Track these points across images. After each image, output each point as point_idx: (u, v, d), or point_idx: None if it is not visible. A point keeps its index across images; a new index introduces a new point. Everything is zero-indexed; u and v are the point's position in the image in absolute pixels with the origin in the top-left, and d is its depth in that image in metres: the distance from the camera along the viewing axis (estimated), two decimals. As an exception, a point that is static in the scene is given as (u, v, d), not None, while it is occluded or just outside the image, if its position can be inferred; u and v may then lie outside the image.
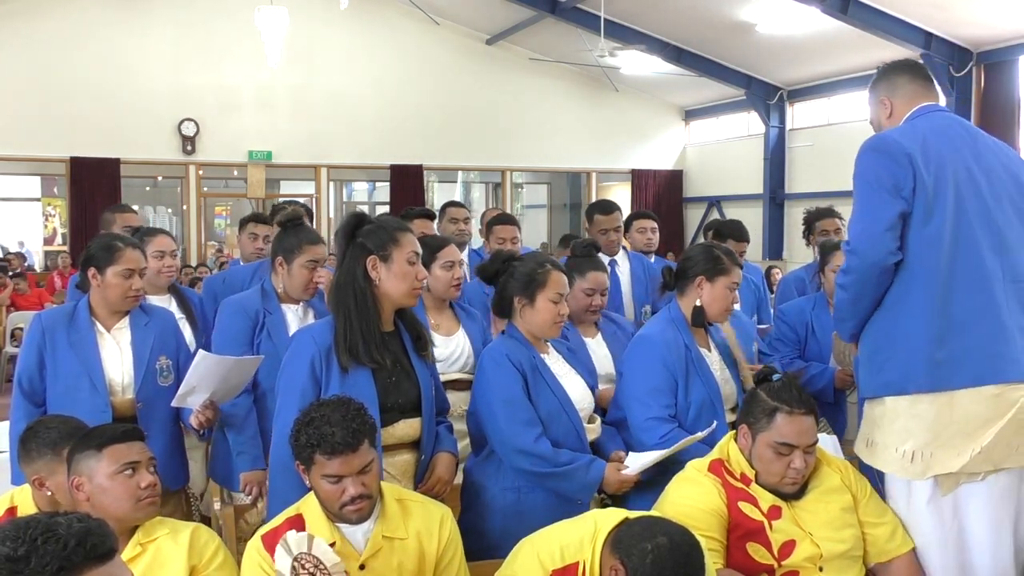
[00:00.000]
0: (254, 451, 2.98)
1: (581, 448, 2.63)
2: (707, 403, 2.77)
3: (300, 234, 3.08)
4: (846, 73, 12.61)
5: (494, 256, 2.75)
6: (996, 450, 2.31)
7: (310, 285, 3.06)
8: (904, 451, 2.36)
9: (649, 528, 1.95)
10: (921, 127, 2.43)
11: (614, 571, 1.93)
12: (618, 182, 16.29)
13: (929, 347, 2.31)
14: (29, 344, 2.88)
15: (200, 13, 13.09)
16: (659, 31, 12.88)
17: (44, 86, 12.44)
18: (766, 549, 2.27)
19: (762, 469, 2.33)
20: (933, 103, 2.54)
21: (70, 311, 2.91)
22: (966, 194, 2.35)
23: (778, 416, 2.29)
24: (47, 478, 2.28)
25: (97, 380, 2.83)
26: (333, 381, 2.36)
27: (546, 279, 2.63)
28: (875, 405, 2.46)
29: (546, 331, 2.67)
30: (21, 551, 1.22)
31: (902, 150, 2.35)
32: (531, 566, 2.07)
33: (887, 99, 2.58)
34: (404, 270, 2.41)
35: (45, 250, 14.60)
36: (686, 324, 2.86)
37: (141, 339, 2.93)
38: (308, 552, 1.98)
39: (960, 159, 2.38)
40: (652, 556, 1.86)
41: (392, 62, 14.14)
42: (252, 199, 13.97)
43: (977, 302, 2.31)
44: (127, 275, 2.85)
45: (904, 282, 2.35)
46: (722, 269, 2.84)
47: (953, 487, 2.35)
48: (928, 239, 2.32)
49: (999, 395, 2.30)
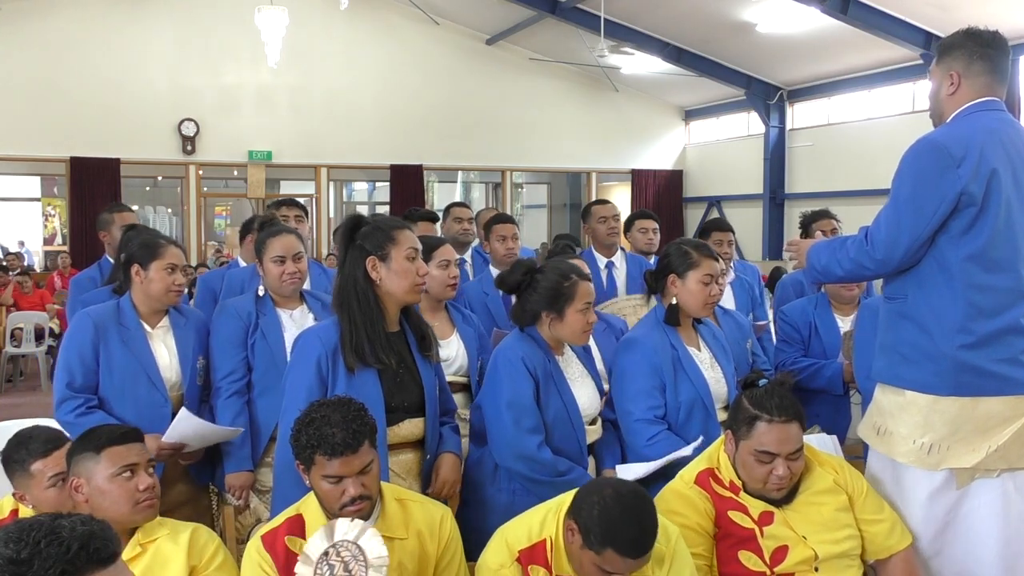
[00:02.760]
0: (241, 452, 2.97)
1: (579, 455, 2.63)
2: (697, 402, 2.76)
3: (268, 231, 3.16)
4: (846, 73, 12.62)
5: (515, 266, 2.72)
6: (1012, 449, 2.32)
7: (284, 278, 3.07)
8: (922, 443, 2.36)
9: (597, 484, 2.03)
10: (977, 128, 2.32)
11: (570, 531, 1.99)
12: (618, 182, 16.29)
13: (962, 355, 2.30)
14: (81, 340, 2.86)
15: (200, 13, 13.10)
16: (659, 31, 12.89)
17: (44, 86, 12.45)
18: (758, 557, 2.27)
19: (746, 476, 2.33)
20: (995, 100, 2.39)
21: (114, 309, 2.94)
22: (1014, 205, 2.31)
23: (759, 424, 2.28)
24: (25, 493, 2.29)
25: (154, 376, 2.89)
26: (339, 381, 2.37)
27: (574, 292, 2.61)
28: (892, 394, 2.44)
29: (576, 340, 2.68)
30: (24, 554, 1.21)
31: (951, 161, 2.27)
32: (500, 551, 2.11)
33: (957, 75, 2.40)
34: (404, 267, 2.41)
35: (45, 250, 14.62)
36: (677, 324, 2.86)
37: (183, 339, 2.99)
38: (353, 540, 1.95)
39: (1011, 168, 2.31)
40: (599, 507, 1.93)
41: (392, 62, 14.15)
42: (252, 199, 13.97)
43: (1010, 316, 2.30)
44: (171, 270, 2.92)
45: (942, 286, 2.32)
46: (691, 263, 2.84)
47: (968, 481, 2.36)
48: (972, 250, 2.29)
49: (1019, 398, 2.31)
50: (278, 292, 3.12)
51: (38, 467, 2.28)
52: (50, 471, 2.27)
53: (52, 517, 1.28)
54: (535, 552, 2.07)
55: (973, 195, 2.26)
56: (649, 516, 1.96)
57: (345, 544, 1.95)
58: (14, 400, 8.69)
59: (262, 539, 2.07)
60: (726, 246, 4.20)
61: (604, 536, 1.91)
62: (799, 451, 2.31)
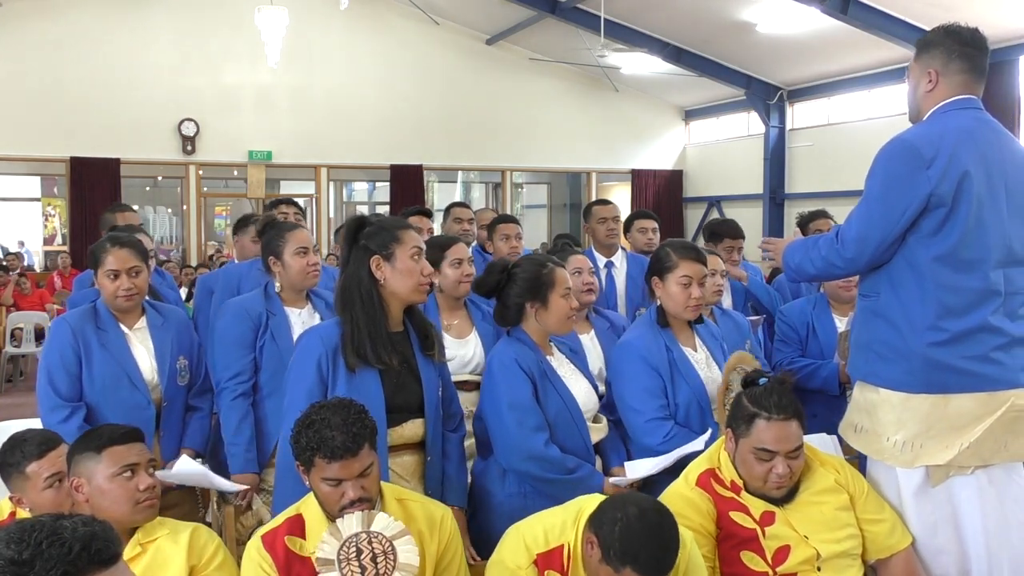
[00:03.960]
0: (247, 454, 2.97)
1: (585, 452, 2.63)
2: (693, 403, 2.76)
3: (280, 228, 3.15)
4: (846, 73, 12.62)
5: (489, 269, 2.73)
6: (985, 446, 2.34)
7: (308, 269, 3.09)
8: (895, 440, 2.38)
9: (621, 500, 2.00)
10: (950, 128, 2.34)
11: (590, 544, 1.97)
12: (618, 182, 16.29)
13: (932, 352, 2.32)
14: (61, 345, 2.84)
15: (200, 13, 13.09)
16: (659, 31, 12.89)
17: (44, 86, 12.44)
18: (760, 557, 2.28)
19: (746, 474, 2.33)
20: (973, 98, 2.41)
21: (91, 312, 2.92)
22: (986, 206, 2.31)
23: (758, 422, 2.29)
24: (22, 495, 2.29)
25: (135, 378, 2.87)
26: (340, 381, 2.36)
27: (553, 277, 2.65)
28: (868, 391, 2.47)
29: (562, 327, 2.69)
30: (26, 554, 1.21)
31: (922, 161, 2.29)
32: (517, 551, 2.09)
33: (935, 73, 2.41)
34: (408, 266, 2.41)
35: (45, 250, 14.60)
36: (667, 325, 2.87)
37: (161, 339, 2.96)
38: (389, 538, 1.93)
39: (984, 168, 2.32)
40: (621, 524, 1.90)
41: (392, 62, 14.14)
42: (252, 199, 13.97)
43: (979, 315, 2.31)
44: (113, 276, 2.86)
45: (912, 285, 2.34)
46: (668, 266, 2.84)
47: (943, 479, 2.37)
48: (941, 251, 2.30)
49: (990, 395, 2.33)
50: (301, 285, 3.11)
51: (34, 468, 2.27)
52: (46, 472, 2.27)
53: (54, 518, 1.27)
54: (552, 557, 2.06)
55: (942, 196, 2.27)
56: (671, 535, 1.93)
57: (379, 537, 1.94)
58: (14, 400, 8.68)
59: (262, 539, 2.06)
60: (736, 253, 4.21)
61: (624, 554, 1.89)
62: (799, 449, 2.32)
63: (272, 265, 3.11)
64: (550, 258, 2.76)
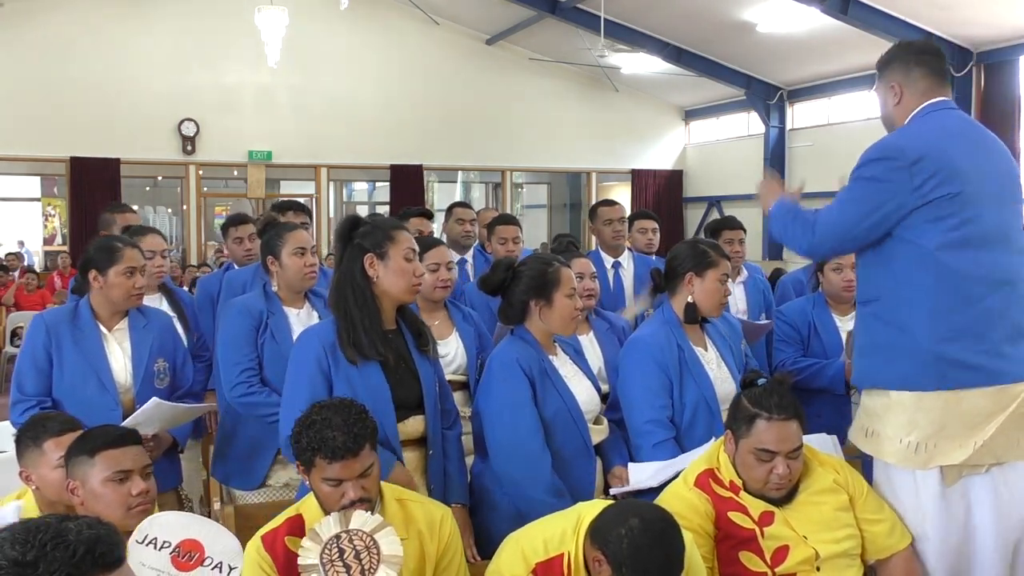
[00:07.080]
0: None
1: (585, 452, 2.64)
2: (702, 403, 2.76)
3: (279, 228, 3.17)
4: (846, 73, 12.61)
5: (495, 267, 2.74)
6: (998, 443, 2.34)
7: (305, 270, 3.10)
8: (909, 442, 2.37)
9: (622, 512, 1.97)
10: (933, 128, 2.38)
11: (597, 562, 1.95)
12: (618, 182, 16.28)
13: (941, 348, 2.32)
14: (34, 344, 2.87)
15: (200, 13, 13.08)
16: (659, 31, 12.88)
17: (44, 86, 12.43)
18: (759, 557, 2.28)
19: (746, 475, 2.33)
20: (946, 99, 2.46)
21: (71, 311, 2.93)
22: (983, 198, 2.34)
23: (758, 422, 2.29)
24: (32, 471, 2.31)
25: (106, 379, 2.87)
26: (342, 375, 2.37)
27: (559, 276, 2.65)
28: (878, 396, 2.46)
29: (566, 327, 2.68)
30: (30, 556, 1.20)
31: (904, 161, 2.32)
32: (515, 561, 2.08)
33: (898, 86, 2.49)
34: (402, 266, 2.43)
35: (45, 250, 14.60)
36: (679, 324, 2.85)
37: (140, 341, 2.95)
38: (369, 533, 1.94)
39: (975, 163, 2.35)
40: (627, 539, 1.89)
41: (392, 62, 14.14)
42: (252, 199, 13.97)
43: (987, 305, 2.32)
44: (130, 273, 2.88)
45: (918, 282, 2.35)
46: (710, 262, 2.85)
47: (957, 478, 2.37)
48: (945, 242, 2.32)
49: (1001, 390, 2.34)
50: (299, 286, 3.12)
51: (50, 445, 2.29)
52: (61, 452, 2.27)
53: (59, 519, 1.27)
54: (552, 566, 2.04)
55: (936, 192, 2.30)
56: (678, 542, 1.93)
57: (360, 534, 1.94)
58: (14, 400, 8.66)
59: (262, 539, 2.07)
60: (738, 244, 4.17)
61: (635, 571, 1.88)
62: (798, 449, 2.32)
63: (270, 265, 3.13)
64: (556, 257, 2.77)
